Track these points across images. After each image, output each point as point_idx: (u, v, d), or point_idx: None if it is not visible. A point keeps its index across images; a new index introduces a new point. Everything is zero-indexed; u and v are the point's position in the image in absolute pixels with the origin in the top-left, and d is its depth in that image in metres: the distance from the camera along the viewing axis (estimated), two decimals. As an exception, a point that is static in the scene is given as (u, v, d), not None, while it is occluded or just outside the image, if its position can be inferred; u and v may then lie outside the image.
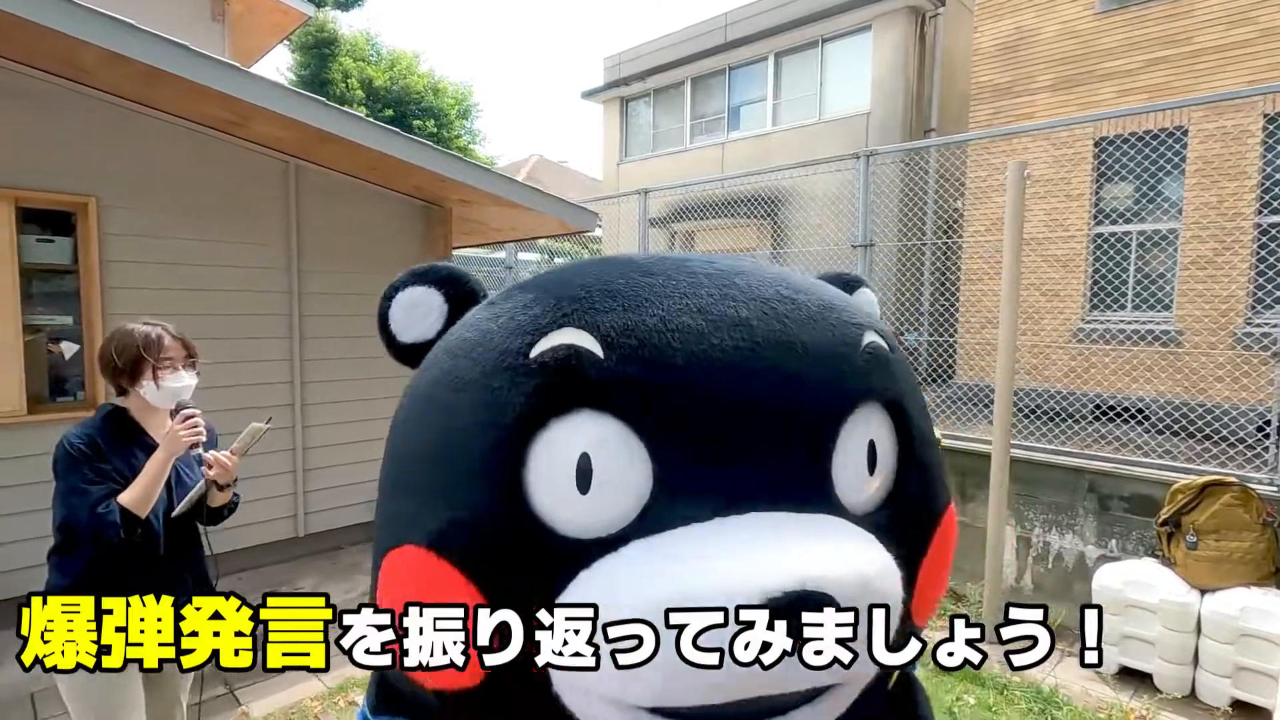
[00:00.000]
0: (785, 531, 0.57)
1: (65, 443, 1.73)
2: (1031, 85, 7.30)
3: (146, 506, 1.70)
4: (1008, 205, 3.48)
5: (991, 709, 2.91)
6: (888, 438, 0.68)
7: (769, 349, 0.62)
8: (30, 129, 3.42)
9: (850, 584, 0.54)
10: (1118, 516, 3.60)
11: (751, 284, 0.67)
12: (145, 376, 1.76)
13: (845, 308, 0.70)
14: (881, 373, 0.68)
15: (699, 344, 0.61)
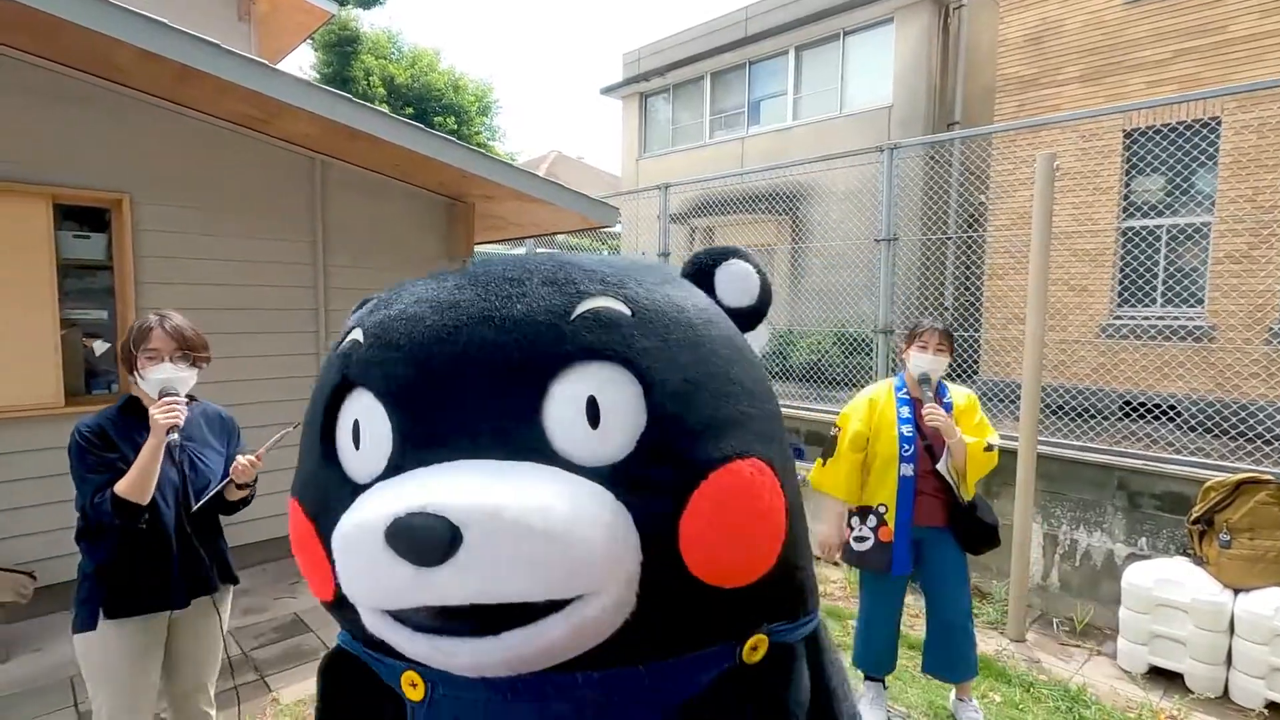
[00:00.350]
0: (463, 472, 0.67)
1: (74, 432, 1.80)
2: (1058, 77, 7.17)
3: (142, 493, 1.73)
4: (1036, 198, 3.43)
5: (1018, 706, 2.88)
6: (622, 394, 0.71)
7: (473, 324, 0.73)
8: (67, 128, 3.50)
9: (471, 510, 0.61)
10: (1148, 514, 3.54)
11: (492, 273, 0.79)
12: (135, 367, 1.81)
13: (573, 281, 0.76)
14: (607, 333, 0.72)
15: (416, 327, 0.75)
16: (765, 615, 0.83)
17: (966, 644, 2.69)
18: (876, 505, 2.61)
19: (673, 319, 0.77)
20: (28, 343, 3.45)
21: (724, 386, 0.77)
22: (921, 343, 2.56)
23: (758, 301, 0.92)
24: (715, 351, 0.79)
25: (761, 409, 0.81)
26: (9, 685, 2.93)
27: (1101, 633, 3.59)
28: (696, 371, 0.75)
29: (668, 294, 0.80)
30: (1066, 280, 6.62)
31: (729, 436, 0.74)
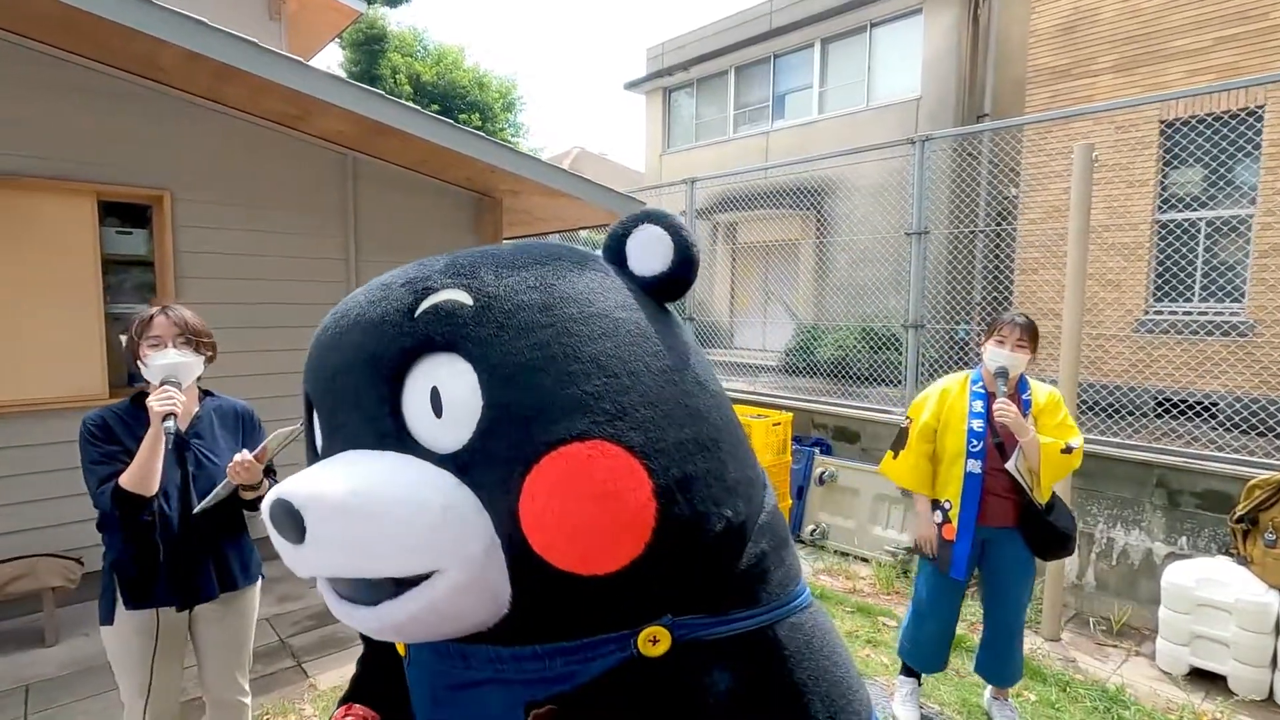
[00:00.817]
0: (328, 463, 0.76)
1: (82, 424, 1.80)
2: (1092, 67, 7.02)
3: (144, 485, 1.71)
4: (1074, 190, 3.37)
5: (1054, 705, 2.84)
6: (460, 383, 0.74)
7: (345, 328, 0.82)
8: (111, 126, 3.58)
9: (305, 497, 0.69)
10: (1188, 513, 3.46)
11: (375, 280, 0.86)
12: (138, 355, 1.80)
13: (425, 279, 0.80)
14: (444, 325, 0.75)
15: (321, 336, 0.87)
16: (665, 607, 0.79)
17: (1018, 649, 2.64)
18: (943, 501, 2.55)
19: (517, 302, 0.77)
20: (74, 336, 3.55)
21: (568, 367, 0.75)
22: (1000, 337, 2.46)
23: (673, 266, 0.86)
24: (565, 331, 0.76)
25: (626, 385, 0.76)
26: (59, 667, 3.02)
27: (1139, 633, 3.52)
28: (535, 355, 0.74)
29: (525, 277, 0.80)
30: (1100, 275, 6.49)
31: (566, 419, 0.72)
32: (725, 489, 0.81)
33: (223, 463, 1.89)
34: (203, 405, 1.94)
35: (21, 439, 3.41)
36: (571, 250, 0.89)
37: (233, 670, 2.02)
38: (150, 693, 1.84)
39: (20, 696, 2.80)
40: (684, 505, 0.76)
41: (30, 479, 3.43)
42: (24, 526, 3.40)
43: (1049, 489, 2.49)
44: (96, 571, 3.56)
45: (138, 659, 1.83)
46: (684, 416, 0.79)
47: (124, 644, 1.83)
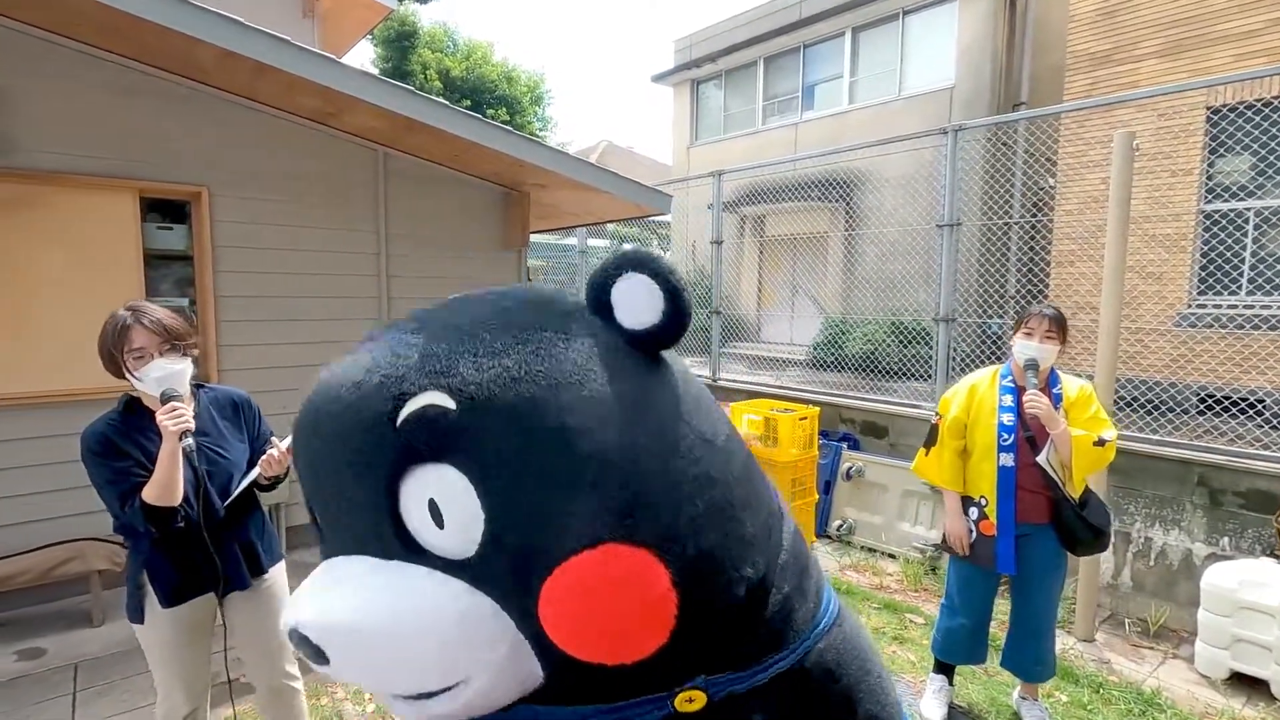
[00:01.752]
0: (330, 579, 0.75)
1: (81, 442, 1.75)
2: (1134, 52, 6.79)
3: (170, 495, 1.70)
4: (1114, 180, 3.27)
5: (1086, 707, 2.79)
6: (457, 493, 0.70)
7: (331, 417, 0.76)
8: (150, 124, 3.69)
9: (321, 630, 0.69)
10: (1231, 513, 3.36)
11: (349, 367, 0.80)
12: (124, 369, 1.72)
13: (400, 379, 0.72)
14: (430, 434, 0.70)
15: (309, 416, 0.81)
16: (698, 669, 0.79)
17: (1048, 647, 2.60)
18: (978, 498, 2.51)
19: (503, 400, 0.70)
20: (118, 328, 3.66)
21: (566, 466, 0.70)
22: (1028, 329, 2.43)
23: (665, 319, 0.78)
24: (559, 425, 0.71)
25: (628, 475, 0.72)
26: (105, 646, 3.14)
27: (1177, 635, 3.44)
28: (529, 456, 0.70)
29: (508, 366, 0.73)
30: (1140, 267, 6.29)
31: (574, 525, 0.69)
32: (744, 546, 0.79)
33: (232, 454, 1.90)
34: (199, 401, 1.91)
35: (67, 427, 3.52)
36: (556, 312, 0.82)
37: (275, 655, 2.03)
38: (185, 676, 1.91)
39: (70, 674, 2.92)
40: (705, 581, 0.74)
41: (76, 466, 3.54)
42: (71, 512, 3.53)
43: (1082, 483, 2.45)
44: (140, 556, 3.70)
45: (170, 651, 1.89)
46: (693, 489, 0.75)
47: (157, 639, 1.89)
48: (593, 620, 0.68)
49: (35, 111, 3.38)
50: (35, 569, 3.20)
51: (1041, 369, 2.42)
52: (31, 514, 3.44)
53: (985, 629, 2.67)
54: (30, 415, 3.43)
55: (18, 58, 3.34)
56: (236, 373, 3.95)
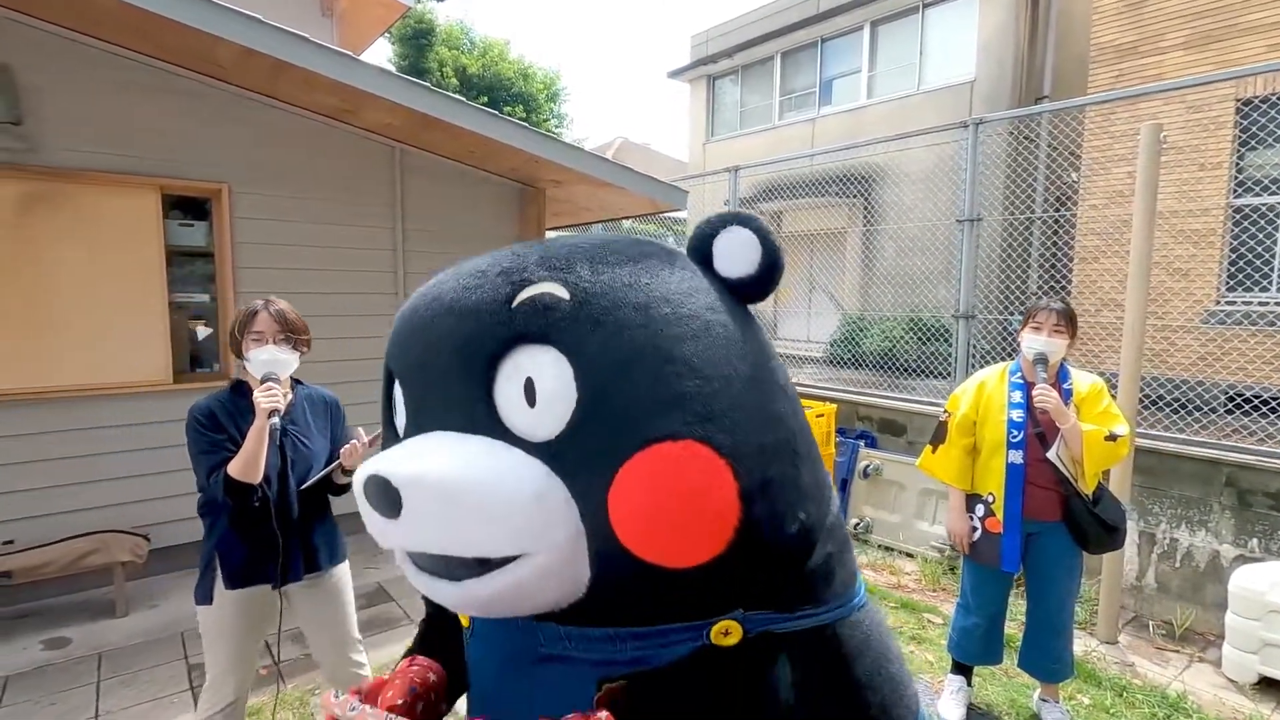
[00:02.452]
0: (422, 442, 0.79)
1: (189, 413, 1.91)
2: (1160, 44, 6.65)
3: (251, 473, 1.80)
4: (1140, 173, 3.20)
5: (1109, 710, 2.74)
6: (555, 375, 0.75)
7: (439, 312, 0.82)
8: (172, 122, 3.73)
9: (406, 476, 0.71)
10: (1260, 514, 3.28)
11: (467, 266, 0.87)
12: (242, 349, 1.91)
13: (522, 269, 0.81)
14: (541, 318, 0.76)
15: (410, 319, 0.87)
16: (738, 601, 0.81)
17: (1064, 646, 2.55)
18: (985, 494, 2.49)
19: (614, 300, 0.77)
20: (141, 325, 3.72)
21: (662, 367, 0.75)
22: (1036, 323, 2.42)
23: (760, 270, 0.86)
24: (660, 331, 0.77)
25: (715, 388, 0.77)
26: (128, 637, 3.19)
27: (1204, 638, 3.36)
28: (629, 352, 0.75)
29: (620, 275, 0.80)
30: (1167, 264, 6.17)
31: (659, 417, 0.74)
32: (800, 493, 0.83)
33: (315, 448, 2.02)
34: (295, 394, 2.03)
35: (91, 421, 3.60)
36: (660, 247, 0.89)
37: (341, 645, 2.13)
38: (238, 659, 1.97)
39: (94, 663, 2.97)
40: (764, 508, 0.78)
41: (100, 459, 3.62)
42: (95, 504, 3.60)
43: (1094, 479, 2.41)
44: (163, 548, 3.75)
45: (230, 636, 1.95)
46: (767, 421, 0.81)
47: (220, 622, 1.94)
48: (660, 511, 0.72)
49: (60, 110, 3.44)
50: (60, 560, 3.26)
51: (1051, 363, 2.39)
52: (56, 506, 3.50)
53: (1000, 628, 2.65)
54: (54, 409, 3.50)
55: (43, 57, 3.40)
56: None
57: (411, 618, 3.43)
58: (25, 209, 3.40)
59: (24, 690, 2.76)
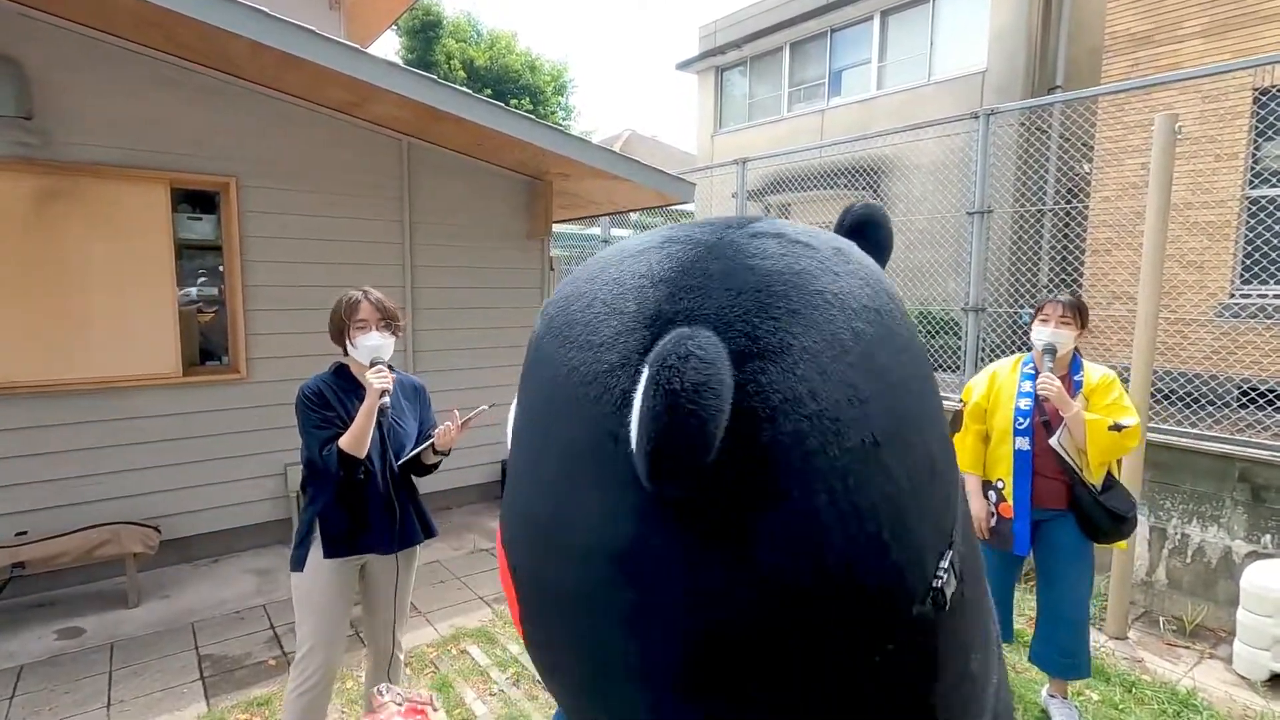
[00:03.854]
0: None
1: (300, 392, 2.03)
2: (1177, 32, 6.54)
3: (361, 447, 1.96)
4: (1154, 164, 3.16)
5: (1118, 707, 2.72)
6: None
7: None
8: (181, 116, 3.74)
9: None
10: (1274, 509, 3.24)
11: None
12: (347, 335, 2.03)
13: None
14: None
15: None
16: None
17: (1077, 640, 2.53)
18: (995, 480, 2.56)
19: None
20: (150, 318, 3.74)
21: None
22: (1044, 315, 2.49)
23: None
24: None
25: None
26: (140, 627, 3.23)
27: (1214, 635, 3.34)
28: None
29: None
30: (1180, 256, 6.09)
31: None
32: None
33: (407, 428, 2.17)
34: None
35: (103, 414, 3.63)
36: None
37: (396, 622, 2.22)
38: (331, 627, 2.04)
39: (106, 653, 3.00)
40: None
41: (111, 451, 3.65)
42: (107, 496, 3.63)
43: (1100, 469, 2.44)
44: (174, 539, 3.79)
45: (321, 605, 2.03)
46: None
47: (312, 590, 2.03)
48: None
49: (70, 104, 3.45)
50: (74, 551, 3.30)
51: (1060, 354, 2.45)
52: (69, 498, 3.54)
53: (1009, 613, 2.75)
54: (64, 402, 3.53)
55: (53, 51, 3.41)
56: (264, 361, 4.02)
57: (419, 609, 3.45)
58: (36, 203, 3.42)
59: (39, 679, 2.80)
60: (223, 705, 2.65)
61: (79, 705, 2.63)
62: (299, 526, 2.07)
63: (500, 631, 3.24)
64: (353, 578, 2.11)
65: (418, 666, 2.94)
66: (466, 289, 4.92)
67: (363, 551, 2.07)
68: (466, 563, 4.08)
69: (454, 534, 4.55)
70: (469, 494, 5.13)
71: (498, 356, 5.08)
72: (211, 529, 3.99)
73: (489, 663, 2.97)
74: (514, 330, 5.17)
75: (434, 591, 3.67)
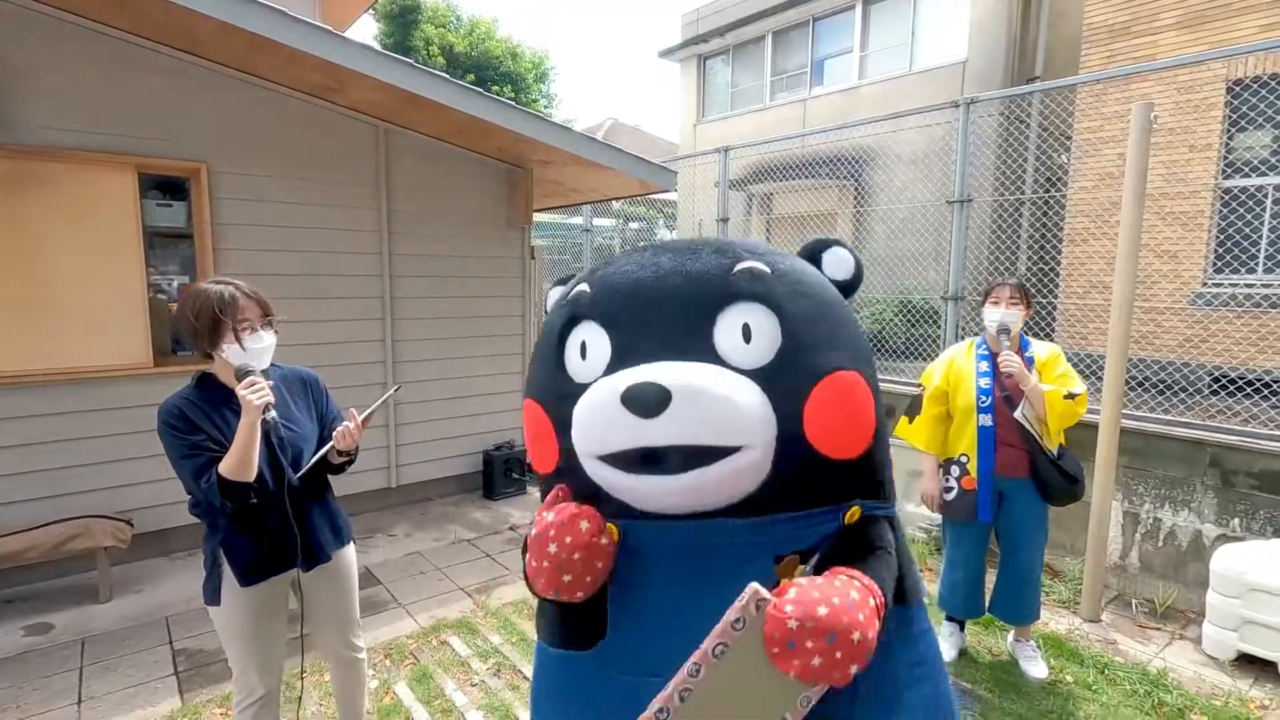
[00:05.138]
0: (660, 367, 1.00)
1: (159, 416, 1.75)
2: (1154, 23, 6.61)
3: (245, 472, 1.69)
4: (1130, 152, 3.18)
5: (1091, 687, 2.77)
6: (765, 322, 1.05)
7: (666, 275, 1.11)
8: (149, 99, 3.64)
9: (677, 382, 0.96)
10: (1243, 494, 3.31)
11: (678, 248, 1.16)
12: (225, 339, 1.72)
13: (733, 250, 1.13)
14: (756, 283, 1.08)
15: (630, 278, 1.13)
16: (859, 492, 1.12)
17: (1033, 593, 2.84)
18: (959, 456, 2.74)
19: (797, 278, 1.13)
20: (119, 307, 3.65)
21: (832, 323, 1.11)
22: (994, 299, 2.70)
23: (852, 278, 1.26)
24: (825, 300, 1.14)
25: (857, 343, 1.14)
26: (112, 622, 3.17)
27: (1185, 616, 3.41)
28: (814, 311, 1.09)
29: (794, 263, 1.17)
30: (1154, 246, 6.18)
31: (835, 355, 1.06)
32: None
33: (301, 429, 1.90)
34: (269, 377, 1.87)
35: (73, 405, 3.54)
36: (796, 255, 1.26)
37: (344, 628, 2.06)
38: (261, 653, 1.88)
39: (77, 649, 2.94)
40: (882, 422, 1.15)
41: (82, 444, 3.57)
42: (77, 489, 3.55)
43: (1057, 435, 2.70)
44: (148, 532, 3.72)
45: (248, 633, 1.85)
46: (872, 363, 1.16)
47: (233, 620, 1.84)
48: (840, 417, 1.04)
49: (34, 87, 3.35)
50: (43, 545, 3.22)
51: (1012, 333, 2.65)
52: (38, 491, 3.46)
53: (980, 583, 2.92)
54: (33, 392, 3.44)
55: (16, 32, 3.29)
56: (239, 351, 3.94)
57: (399, 601, 3.43)
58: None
59: (6, 676, 2.73)
60: (197, 700, 2.61)
61: (47, 703, 2.58)
62: (205, 558, 1.84)
63: (481, 622, 3.22)
64: (281, 594, 1.91)
65: (397, 658, 2.91)
66: (446, 278, 4.86)
67: (282, 573, 1.87)
68: (448, 554, 4.05)
69: (434, 525, 4.52)
70: (449, 485, 5.09)
71: (479, 346, 5.04)
72: (189, 521, 3.90)
73: (470, 653, 2.96)
74: (495, 320, 5.12)
75: (414, 583, 3.64)
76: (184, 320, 1.75)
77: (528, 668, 2.84)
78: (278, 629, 1.93)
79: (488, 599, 3.48)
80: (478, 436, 5.10)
